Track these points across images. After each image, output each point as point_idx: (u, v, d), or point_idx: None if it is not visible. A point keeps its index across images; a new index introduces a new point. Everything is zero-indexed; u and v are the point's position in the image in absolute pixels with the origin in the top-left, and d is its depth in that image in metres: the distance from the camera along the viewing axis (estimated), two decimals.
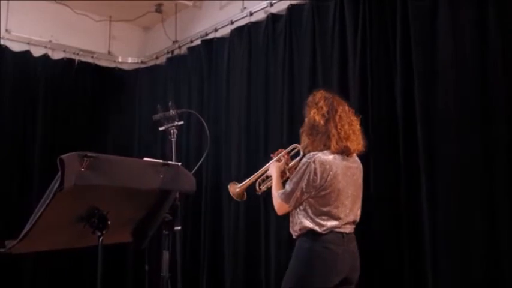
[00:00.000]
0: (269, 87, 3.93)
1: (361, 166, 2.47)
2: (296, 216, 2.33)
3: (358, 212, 2.42)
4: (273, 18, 3.97)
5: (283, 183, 2.45)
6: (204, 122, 2.58)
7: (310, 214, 2.27)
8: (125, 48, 5.40)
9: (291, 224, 2.38)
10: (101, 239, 1.61)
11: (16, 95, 4.57)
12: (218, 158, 4.18)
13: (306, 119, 2.42)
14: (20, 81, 4.61)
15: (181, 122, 1.99)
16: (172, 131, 1.97)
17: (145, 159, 1.72)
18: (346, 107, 2.44)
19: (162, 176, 1.72)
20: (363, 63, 3.21)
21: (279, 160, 2.56)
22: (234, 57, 4.25)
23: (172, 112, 1.95)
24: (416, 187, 2.84)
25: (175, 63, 4.92)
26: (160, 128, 2.01)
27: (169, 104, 1.98)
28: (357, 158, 2.45)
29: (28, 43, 4.72)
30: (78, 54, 5.01)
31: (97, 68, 5.13)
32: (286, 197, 2.30)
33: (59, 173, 1.39)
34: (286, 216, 3.43)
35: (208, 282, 4.04)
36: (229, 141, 4.14)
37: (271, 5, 3.99)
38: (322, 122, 2.33)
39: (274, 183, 2.47)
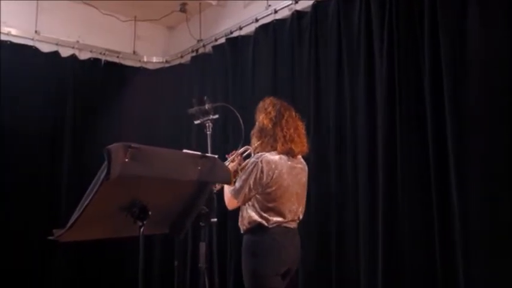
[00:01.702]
0: (294, 85, 3.94)
1: (306, 167, 2.69)
2: (245, 211, 2.51)
3: (302, 209, 2.64)
4: (297, 15, 3.98)
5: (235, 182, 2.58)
6: (238, 115, 2.59)
7: (258, 209, 2.46)
8: (150, 48, 5.48)
9: (240, 219, 2.53)
10: (142, 229, 1.65)
11: (45, 95, 4.67)
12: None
13: (256, 123, 2.63)
14: (49, 81, 4.71)
15: (217, 116, 2.02)
16: (207, 125, 2.00)
17: (184, 151, 1.75)
18: (293, 113, 2.71)
19: (199, 168, 1.75)
20: (390, 60, 3.19)
21: (232, 161, 2.69)
22: (259, 55, 4.28)
23: (207, 106, 1.98)
24: (446, 187, 2.81)
25: (199, 62, 4.97)
26: (196, 122, 2.04)
27: (205, 98, 2.01)
28: (302, 160, 2.67)
29: (56, 44, 4.82)
30: (104, 54, 5.10)
31: (123, 68, 5.22)
32: (236, 193, 2.45)
33: (105, 163, 1.43)
34: (313, 212, 3.53)
35: (235, 275, 4.05)
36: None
37: (296, 2, 4.01)
38: (270, 126, 2.56)
39: (226, 188, 2.58)
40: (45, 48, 4.76)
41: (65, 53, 4.86)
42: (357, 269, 3.27)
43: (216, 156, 1.82)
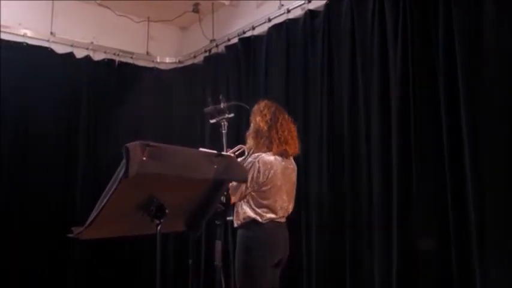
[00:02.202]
0: (308, 84, 3.93)
1: (296, 167, 2.93)
2: (240, 208, 2.68)
3: (292, 206, 2.91)
4: (310, 14, 3.98)
5: None
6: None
7: (253, 206, 2.66)
8: (163, 48, 5.51)
9: (235, 214, 2.69)
10: (159, 227, 1.66)
11: (60, 96, 4.72)
12: None
13: (252, 124, 2.77)
14: (64, 82, 4.76)
15: (232, 115, 2.03)
16: (223, 124, 2.02)
17: (201, 149, 1.76)
18: (286, 116, 2.92)
19: (215, 167, 1.76)
20: (404, 59, 3.16)
21: None
22: (272, 55, 4.28)
23: (222, 105, 1.99)
24: (462, 186, 2.78)
25: (212, 61, 4.99)
26: (211, 121, 2.06)
27: (220, 97, 2.02)
28: (292, 160, 2.89)
29: (71, 45, 4.87)
30: (118, 55, 5.14)
31: (136, 68, 5.26)
32: (233, 191, 2.56)
33: (124, 161, 1.44)
34: (326, 216, 3.52)
35: None
36: None
37: (309, 1, 4.00)
38: (265, 128, 2.74)
39: None
40: (60, 49, 4.82)
41: (79, 54, 4.91)
42: (370, 267, 3.26)
43: (232, 154, 1.82)
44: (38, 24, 4.73)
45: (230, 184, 2.54)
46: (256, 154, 2.64)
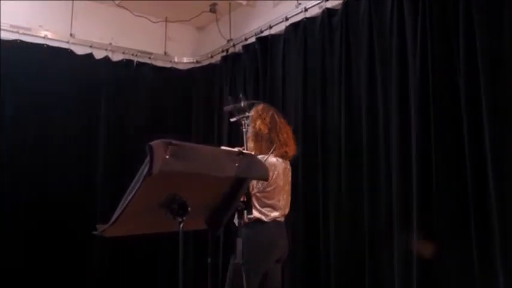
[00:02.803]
0: (325, 84, 3.91)
1: (290, 168, 3.03)
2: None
3: (289, 205, 3.00)
4: (328, 13, 3.96)
5: None
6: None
7: (257, 206, 2.76)
8: (180, 49, 5.55)
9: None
10: (181, 225, 1.68)
11: (81, 96, 4.80)
12: None
13: (251, 128, 2.82)
14: (84, 83, 4.83)
15: (252, 113, 2.03)
16: (243, 122, 2.02)
17: (222, 147, 1.77)
18: (282, 119, 2.98)
19: (237, 165, 1.77)
20: (423, 57, 3.12)
21: None
22: (290, 54, 4.28)
23: (243, 103, 2.00)
24: (484, 187, 2.74)
25: (230, 61, 5.00)
26: (232, 119, 2.07)
27: (240, 95, 2.03)
28: (288, 161, 2.98)
29: (90, 46, 4.93)
30: (136, 55, 5.19)
31: (154, 69, 5.30)
32: None
33: (148, 159, 1.46)
34: (346, 213, 3.51)
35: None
36: None
37: (327, 0, 4.00)
38: (266, 131, 2.82)
39: None
40: (79, 50, 4.89)
41: (98, 55, 4.98)
42: (390, 267, 3.24)
43: (253, 153, 1.83)
44: (58, 26, 4.81)
45: None
46: (261, 156, 2.71)
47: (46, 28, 4.73)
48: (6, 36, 4.49)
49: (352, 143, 3.60)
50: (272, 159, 2.79)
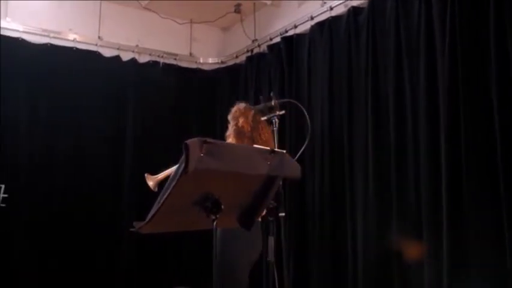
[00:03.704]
0: (352, 83, 3.89)
1: None
2: None
3: None
4: (354, 11, 3.94)
5: None
6: (304, 111, 2.62)
7: None
8: (206, 49, 5.60)
9: None
10: (215, 222, 1.70)
11: (108, 98, 4.88)
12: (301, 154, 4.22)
13: (235, 126, 2.88)
14: (111, 84, 4.92)
15: (283, 112, 2.05)
16: (274, 121, 2.03)
17: (255, 145, 1.79)
18: (263, 119, 2.88)
19: (269, 163, 1.79)
20: (452, 56, 3.07)
21: None
22: (315, 53, 4.27)
23: (273, 102, 2.01)
24: None
25: (255, 61, 5.02)
26: (263, 118, 2.08)
27: (271, 94, 2.05)
28: None
29: (118, 48, 5.02)
30: (162, 56, 5.25)
31: (180, 70, 5.37)
32: None
33: (183, 157, 1.48)
34: (373, 207, 3.48)
35: (295, 271, 4.05)
36: (313, 138, 4.07)
37: None
38: (249, 129, 2.81)
39: None
40: (107, 52, 4.98)
41: (125, 56, 5.06)
42: (419, 267, 3.21)
43: (284, 151, 1.84)
44: (86, 29, 4.91)
45: None
46: None
47: (75, 31, 4.83)
48: (38, 40, 4.61)
49: (379, 143, 3.57)
50: None
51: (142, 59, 5.18)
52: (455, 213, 2.98)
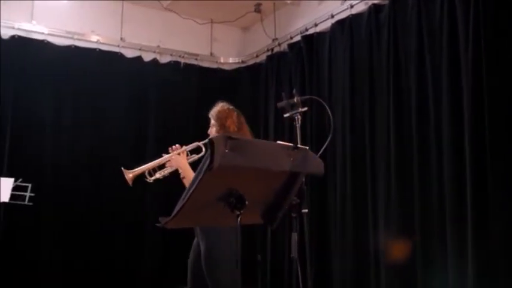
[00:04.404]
0: (373, 82, 3.87)
1: None
2: None
3: None
4: (375, 9, 3.92)
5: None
6: (327, 107, 2.62)
7: None
8: (226, 49, 5.63)
9: None
10: (239, 218, 1.71)
11: (130, 98, 4.95)
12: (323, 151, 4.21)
13: (219, 126, 2.91)
14: (133, 85, 4.99)
15: (305, 109, 2.06)
16: (296, 118, 2.05)
17: (278, 142, 1.80)
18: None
19: (292, 159, 1.79)
20: (476, 52, 3.03)
21: (180, 154, 2.94)
22: (336, 51, 4.26)
23: (296, 99, 2.03)
24: None
25: (275, 60, 5.03)
26: (285, 115, 2.09)
27: (294, 91, 2.06)
28: None
29: (139, 49, 5.08)
30: (183, 57, 5.30)
31: (200, 69, 5.41)
32: None
33: (208, 153, 1.50)
34: (395, 205, 3.46)
35: (317, 268, 4.05)
36: (333, 135, 4.04)
37: None
38: (235, 130, 2.89)
39: (187, 174, 2.87)
40: (129, 53, 5.05)
41: (147, 57, 5.12)
42: (443, 266, 3.18)
43: (307, 147, 1.85)
44: (108, 31, 4.99)
45: None
46: None
47: (98, 33, 4.91)
48: (62, 42, 4.70)
49: (401, 143, 3.54)
50: None
51: (164, 59, 5.24)
52: (481, 211, 2.94)
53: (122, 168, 3.05)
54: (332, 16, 4.34)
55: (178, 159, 2.93)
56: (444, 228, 3.19)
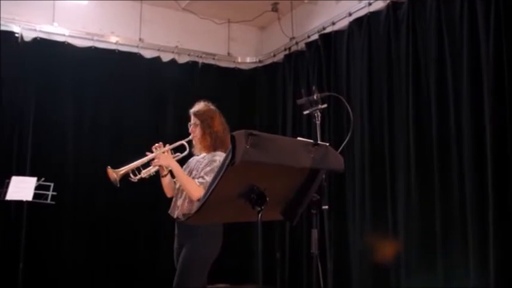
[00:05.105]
0: (392, 80, 3.85)
1: None
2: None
3: None
4: (393, 6, 3.90)
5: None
6: (347, 104, 2.62)
7: None
8: (243, 49, 5.66)
9: (187, 206, 2.67)
10: (260, 214, 1.72)
11: (149, 98, 5.00)
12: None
13: (208, 126, 2.85)
14: (152, 85, 5.04)
15: (325, 105, 2.07)
16: (316, 114, 2.05)
17: (299, 138, 1.81)
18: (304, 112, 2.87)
19: (312, 156, 1.80)
20: (497, 50, 2.99)
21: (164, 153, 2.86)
22: (354, 49, 4.24)
23: (316, 96, 2.03)
24: None
25: (292, 59, 5.03)
26: (305, 112, 2.10)
27: (313, 88, 2.07)
28: None
29: (158, 49, 5.13)
30: (201, 57, 5.34)
31: (218, 69, 5.44)
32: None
33: (230, 149, 1.52)
34: (415, 203, 3.43)
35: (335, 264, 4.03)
36: (352, 136, 4.02)
37: None
38: (221, 131, 2.87)
39: (180, 172, 2.77)
40: (147, 54, 5.10)
41: (165, 57, 5.17)
42: (465, 262, 3.15)
43: (327, 144, 1.85)
44: (127, 31, 5.05)
45: (204, 181, 2.62)
46: (221, 153, 2.74)
47: (117, 34, 4.97)
48: (82, 43, 4.77)
49: (421, 141, 3.52)
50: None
51: (182, 59, 5.28)
52: (502, 210, 2.91)
53: (108, 168, 2.91)
54: (350, 14, 4.32)
55: (166, 157, 2.84)
56: (465, 227, 3.16)
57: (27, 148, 4.39)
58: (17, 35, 4.49)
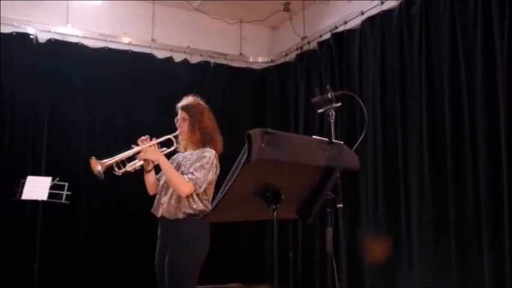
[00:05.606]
0: (405, 79, 3.83)
1: None
2: (191, 199, 2.62)
3: None
4: (406, 3, 3.88)
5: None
6: (361, 103, 2.62)
7: (203, 198, 2.64)
8: (255, 49, 5.67)
9: (180, 205, 2.62)
10: (275, 212, 1.73)
11: (162, 98, 5.00)
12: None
13: (197, 121, 2.81)
14: (164, 85, 5.05)
15: (339, 104, 2.06)
16: (330, 113, 2.05)
17: (314, 137, 1.81)
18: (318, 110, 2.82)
19: (327, 154, 1.80)
20: None
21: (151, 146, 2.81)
22: (366, 48, 4.23)
23: (330, 95, 2.03)
24: None
25: (305, 59, 5.03)
26: (319, 111, 2.10)
27: (327, 86, 2.06)
28: None
29: (170, 50, 5.16)
30: (213, 57, 5.36)
31: (230, 69, 5.45)
32: (201, 183, 2.61)
33: (246, 147, 1.52)
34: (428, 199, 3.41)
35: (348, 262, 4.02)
36: (365, 136, 4.03)
37: None
38: (211, 127, 2.83)
39: (168, 167, 2.72)
40: (160, 54, 5.13)
41: (177, 58, 5.19)
42: (480, 265, 3.12)
43: (342, 142, 1.85)
44: (140, 32, 5.08)
45: (194, 177, 2.58)
46: (210, 149, 2.70)
47: (129, 34, 5.01)
48: (95, 44, 4.81)
49: (435, 140, 3.50)
50: (213, 152, 2.71)
51: (194, 59, 5.30)
52: None
53: (92, 158, 2.77)
54: (362, 13, 4.31)
55: (154, 151, 2.77)
56: (480, 225, 3.14)
57: (42, 148, 4.45)
58: (31, 36, 4.54)
